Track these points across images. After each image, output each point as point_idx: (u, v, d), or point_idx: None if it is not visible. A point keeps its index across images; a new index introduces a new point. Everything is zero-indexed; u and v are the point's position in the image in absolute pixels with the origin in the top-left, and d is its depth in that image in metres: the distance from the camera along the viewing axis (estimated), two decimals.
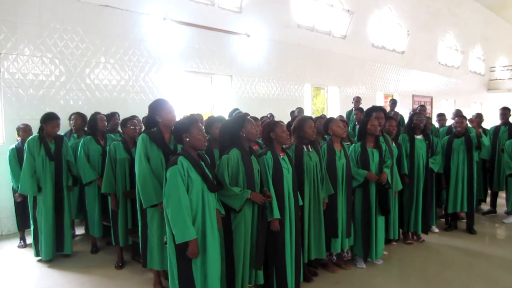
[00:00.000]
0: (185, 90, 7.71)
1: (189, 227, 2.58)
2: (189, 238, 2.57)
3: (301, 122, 3.68)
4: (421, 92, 14.68)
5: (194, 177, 2.68)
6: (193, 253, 2.61)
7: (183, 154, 2.73)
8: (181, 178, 2.63)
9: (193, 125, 2.79)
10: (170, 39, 7.08)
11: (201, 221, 2.71)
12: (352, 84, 11.35)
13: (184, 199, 2.61)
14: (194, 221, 2.67)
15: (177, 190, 2.60)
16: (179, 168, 2.63)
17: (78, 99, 6.04)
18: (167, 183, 2.65)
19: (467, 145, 5.17)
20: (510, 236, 5.49)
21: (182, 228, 2.57)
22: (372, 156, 4.07)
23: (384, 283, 3.86)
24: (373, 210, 4.07)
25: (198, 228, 2.69)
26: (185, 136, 2.76)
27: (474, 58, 18.74)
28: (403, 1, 13.27)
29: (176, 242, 2.59)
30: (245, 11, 8.32)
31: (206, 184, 2.73)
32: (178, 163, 2.65)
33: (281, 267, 3.27)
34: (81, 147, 4.53)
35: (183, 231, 2.57)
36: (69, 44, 5.91)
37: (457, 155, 5.23)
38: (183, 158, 2.68)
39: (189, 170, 2.67)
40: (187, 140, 2.76)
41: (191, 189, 2.68)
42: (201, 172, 2.72)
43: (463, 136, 5.24)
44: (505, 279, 3.96)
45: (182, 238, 2.57)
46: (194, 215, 2.69)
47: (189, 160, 2.70)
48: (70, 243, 4.46)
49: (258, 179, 3.17)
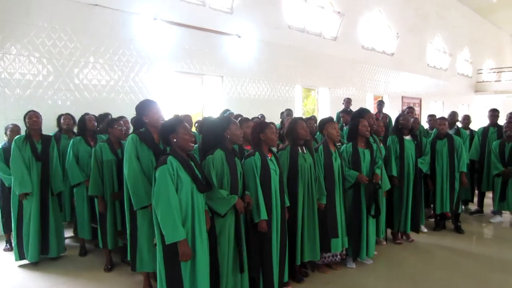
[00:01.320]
0: (176, 90, 7.67)
1: (178, 228, 2.55)
2: (179, 238, 2.55)
3: (293, 124, 3.70)
4: (410, 93, 14.83)
5: (183, 177, 2.66)
6: (185, 254, 2.58)
7: (172, 154, 2.71)
8: (171, 178, 2.60)
9: (179, 125, 2.77)
10: (160, 39, 7.04)
11: (190, 222, 2.69)
12: (343, 85, 11.42)
13: (174, 199, 2.58)
14: (184, 222, 2.65)
15: (167, 190, 2.57)
16: (168, 168, 2.61)
17: (66, 99, 5.96)
18: (156, 183, 2.63)
19: (450, 146, 5.24)
20: (496, 235, 5.58)
21: (171, 228, 2.54)
22: (363, 156, 4.11)
23: (374, 283, 3.89)
24: (364, 210, 4.09)
25: (188, 229, 2.67)
26: (172, 137, 2.74)
27: (462, 60, 19.01)
28: (393, 4, 13.40)
29: (166, 242, 2.56)
30: (236, 12, 8.31)
31: (196, 184, 2.71)
32: (167, 162, 2.62)
33: (268, 269, 3.26)
34: (71, 148, 4.47)
35: (173, 232, 2.54)
36: (57, 43, 5.83)
37: (441, 156, 5.30)
38: (172, 158, 2.66)
39: (178, 170, 2.65)
40: (174, 141, 2.74)
41: (181, 189, 2.66)
42: (190, 172, 2.70)
43: (446, 137, 5.32)
44: (493, 278, 4.01)
45: (172, 238, 2.54)
46: (184, 215, 2.66)
47: (178, 160, 2.67)
48: (55, 246, 4.37)
49: (240, 181, 3.14)
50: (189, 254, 2.60)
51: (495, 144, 5.84)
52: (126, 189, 3.31)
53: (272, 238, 3.28)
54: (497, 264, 4.37)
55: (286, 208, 3.47)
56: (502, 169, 5.64)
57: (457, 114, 6.43)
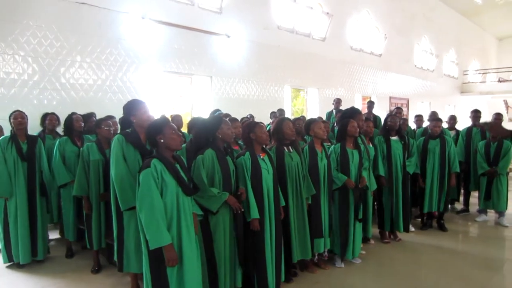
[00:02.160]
0: (164, 90, 7.62)
1: (163, 232, 2.50)
2: (163, 243, 2.49)
3: (279, 124, 3.72)
4: (398, 94, 14.99)
5: (168, 180, 2.60)
6: (171, 259, 2.52)
7: (157, 156, 2.65)
8: (154, 182, 2.55)
9: (166, 125, 2.72)
10: (149, 39, 6.99)
11: (176, 226, 2.63)
12: (331, 86, 11.48)
13: (158, 203, 2.53)
14: (170, 226, 2.60)
15: (150, 194, 2.52)
16: (152, 171, 2.55)
17: (52, 99, 5.88)
18: (140, 186, 2.57)
19: (442, 146, 5.32)
20: (481, 234, 5.67)
21: (155, 233, 2.49)
22: (352, 157, 4.13)
23: (362, 282, 3.92)
24: (352, 210, 4.12)
25: (174, 233, 2.61)
26: (159, 138, 2.68)
27: (448, 61, 19.27)
28: (381, 5, 13.53)
29: (150, 247, 2.51)
30: (225, 12, 8.29)
31: (181, 187, 2.65)
32: (151, 166, 2.57)
33: (262, 268, 3.27)
34: (57, 148, 4.41)
35: (157, 236, 2.49)
36: (42, 41, 5.74)
37: (433, 156, 5.38)
38: (156, 161, 2.60)
39: (163, 173, 2.59)
40: (161, 142, 2.68)
41: (165, 192, 2.60)
42: (175, 175, 2.64)
43: (438, 137, 5.39)
44: (478, 275, 4.08)
45: (156, 243, 2.49)
46: (169, 220, 2.60)
47: (163, 163, 2.62)
48: (43, 248, 4.31)
49: (233, 179, 3.17)
50: (175, 259, 2.54)
51: (481, 144, 5.95)
52: (113, 189, 3.28)
53: (265, 237, 3.29)
54: (482, 262, 4.44)
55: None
56: (488, 169, 5.75)
57: (436, 114, 6.54)
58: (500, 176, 5.75)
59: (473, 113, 6.62)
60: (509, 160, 5.77)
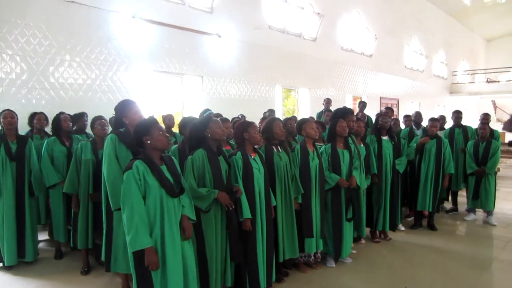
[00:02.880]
0: (155, 90, 7.57)
1: (141, 235, 2.45)
2: (141, 246, 2.45)
3: (269, 123, 3.72)
4: (388, 94, 15.10)
5: (151, 182, 2.55)
6: (151, 262, 2.48)
7: (141, 157, 2.61)
8: (136, 183, 2.50)
9: (153, 126, 2.67)
10: (139, 38, 6.94)
11: (159, 228, 2.57)
12: (322, 86, 11.52)
13: (138, 205, 2.48)
14: (152, 229, 2.55)
15: (130, 196, 2.48)
16: (133, 173, 2.51)
17: (41, 98, 5.80)
18: (122, 187, 2.54)
19: (438, 147, 5.39)
20: (470, 232, 5.74)
21: (134, 235, 2.45)
22: (342, 157, 4.15)
23: (353, 281, 3.94)
24: (343, 210, 4.13)
25: (157, 236, 2.55)
26: (146, 139, 2.63)
27: (438, 62, 19.47)
28: (371, 6, 13.61)
29: (130, 250, 2.49)
30: (216, 12, 8.27)
31: (165, 189, 2.59)
32: (133, 167, 2.53)
33: (254, 268, 3.28)
34: (45, 149, 4.35)
35: (136, 239, 2.45)
36: (31, 40, 5.66)
37: (429, 156, 5.44)
38: (139, 162, 2.56)
39: (145, 174, 2.54)
40: (148, 143, 2.63)
41: (148, 194, 2.55)
42: (159, 176, 2.58)
43: (435, 138, 5.45)
44: (467, 274, 4.12)
45: (135, 246, 2.46)
46: (152, 222, 2.56)
47: (147, 164, 2.57)
48: (32, 250, 4.25)
49: (225, 179, 3.16)
50: (155, 262, 2.49)
51: (469, 144, 6.03)
52: (104, 189, 3.25)
53: (257, 237, 3.30)
54: (471, 261, 4.49)
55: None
56: (476, 168, 5.83)
57: (420, 114, 6.59)
58: (488, 175, 5.83)
59: (454, 113, 6.73)
60: (497, 160, 5.86)
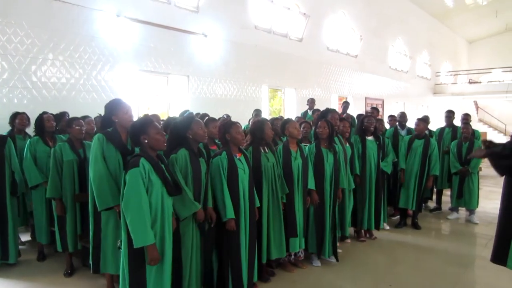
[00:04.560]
0: (140, 89, 7.49)
1: (149, 232, 2.51)
2: (149, 242, 2.50)
3: (261, 124, 3.71)
4: (374, 95, 15.26)
5: (154, 180, 2.60)
6: (154, 258, 2.53)
7: (144, 156, 2.63)
8: (143, 181, 2.53)
9: (150, 125, 2.70)
10: (124, 37, 6.85)
11: (160, 226, 2.63)
12: (308, 86, 11.58)
13: (145, 203, 2.53)
14: (153, 226, 2.59)
15: (139, 193, 2.51)
16: (141, 171, 2.54)
17: (23, 98, 5.68)
18: (126, 185, 2.54)
19: (425, 147, 5.47)
20: (453, 231, 5.84)
21: (142, 232, 2.48)
22: (326, 156, 4.17)
23: (339, 280, 3.97)
24: (327, 209, 4.15)
25: (157, 232, 2.62)
26: (143, 138, 2.67)
27: (421, 63, 19.78)
28: (356, 7, 13.74)
29: (135, 246, 2.50)
30: (202, 11, 8.23)
31: (166, 187, 2.65)
32: (139, 165, 2.55)
33: (237, 268, 3.26)
34: (27, 149, 4.27)
35: (143, 236, 2.48)
36: (12, 38, 5.54)
37: (414, 155, 5.52)
38: (144, 160, 2.59)
39: (150, 173, 2.59)
40: (145, 142, 2.67)
41: (151, 192, 2.60)
42: (161, 175, 2.64)
43: (423, 138, 5.53)
44: (450, 272, 4.19)
45: (141, 242, 2.49)
46: (153, 219, 2.60)
47: (150, 163, 2.61)
48: (14, 251, 4.16)
49: (204, 181, 3.14)
50: (157, 258, 2.55)
51: (453, 144, 6.14)
52: (91, 189, 3.20)
53: (241, 238, 3.29)
54: (454, 259, 4.57)
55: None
56: (460, 168, 5.93)
57: (405, 115, 6.70)
58: (471, 175, 5.94)
59: (446, 113, 6.83)
60: (480, 160, 5.97)
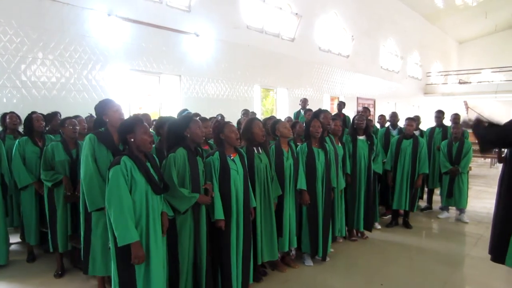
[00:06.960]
0: (132, 89, 7.44)
1: (130, 229, 2.48)
2: (131, 240, 2.48)
3: (249, 124, 3.67)
4: (365, 95, 15.35)
5: (137, 178, 2.59)
6: (137, 256, 2.51)
7: (127, 153, 2.63)
8: (124, 179, 2.53)
9: (138, 125, 2.69)
10: (115, 36, 6.80)
11: (145, 224, 2.61)
12: (300, 86, 11.61)
13: (126, 200, 2.51)
14: (138, 224, 2.58)
15: (119, 190, 2.50)
16: (122, 168, 2.53)
17: (12, 97, 5.61)
18: (108, 183, 2.54)
19: (414, 147, 5.51)
20: (443, 230, 5.89)
21: (124, 229, 2.47)
22: (318, 156, 4.19)
23: (331, 279, 3.99)
24: (320, 208, 4.17)
25: (142, 231, 2.60)
26: (130, 137, 2.66)
27: (412, 63, 19.94)
28: (348, 7, 13.80)
29: (118, 244, 2.49)
30: (194, 10, 8.21)
31: (151, 186, 2.64)
32: (121, 163, 2.54)
33: (226, 269, 3.25)
34: (16, 149, 4.22)
35: (125, 233, 2.47)
36: (1, 37, 5.47)
37: (404, 155, 5.56)
38: (126, 158, 2.58)
39: (132, 170, 2.58)
40: (131, 141, 2.66)
41: (134, 190, 2.58)
42: (145, 173, 2.62)
43: (412, 138, 5.57)
44: (440, 270, 4.24)
45: (124, 240, 2.47)
46: (138, 218, 2.59)
47: (133, 160, 2.60)
48: (5, 253, 4.12)
49: (202, 180, 3.14)
50: (141, 256, 2.53)
51: (443, 144, 6.19)
52: (82, 190, 3.18)
53: (232, 239, 3.26)
54: (444, 258, 4.61)
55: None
56: (450, 167, 5.99)
57: (397, 115, 6.75)
58: (461, 174, 6.01)
59: (436, 113, 6.90)
60: (469, 159, 6.04)
